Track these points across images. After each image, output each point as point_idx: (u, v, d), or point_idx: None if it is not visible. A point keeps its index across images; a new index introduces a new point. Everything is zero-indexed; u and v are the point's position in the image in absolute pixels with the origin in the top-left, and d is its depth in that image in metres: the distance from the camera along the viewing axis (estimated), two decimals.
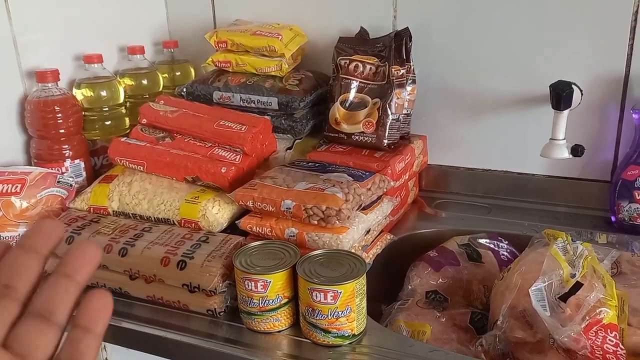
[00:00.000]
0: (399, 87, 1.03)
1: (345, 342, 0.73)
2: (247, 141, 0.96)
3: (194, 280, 0.79)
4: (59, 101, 1.00)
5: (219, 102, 1.12)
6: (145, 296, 0.84)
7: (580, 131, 1.04)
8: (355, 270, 0.73)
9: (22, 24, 1.02)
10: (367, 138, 1.03)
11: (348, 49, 1.07)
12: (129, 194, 0.94)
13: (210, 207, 0.89)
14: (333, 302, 0.70)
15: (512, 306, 0.77)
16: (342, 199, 0.82)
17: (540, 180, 1.11)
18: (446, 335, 0.83)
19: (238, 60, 1.13)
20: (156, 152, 0.96)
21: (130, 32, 1.25)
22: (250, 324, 0.76)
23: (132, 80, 1.18)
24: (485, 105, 1.12)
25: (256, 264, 0.75)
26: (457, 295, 0.90)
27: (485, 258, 0.94)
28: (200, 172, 0.93)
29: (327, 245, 0.81)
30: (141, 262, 0.82)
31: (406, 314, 0.85)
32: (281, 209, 0.83)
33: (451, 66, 1.12)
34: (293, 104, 1.06)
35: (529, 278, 0.77)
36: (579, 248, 0.79)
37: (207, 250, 0.81)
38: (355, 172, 0.91)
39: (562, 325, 0.72)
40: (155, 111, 1.02)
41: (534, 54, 1.06)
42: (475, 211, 1.11)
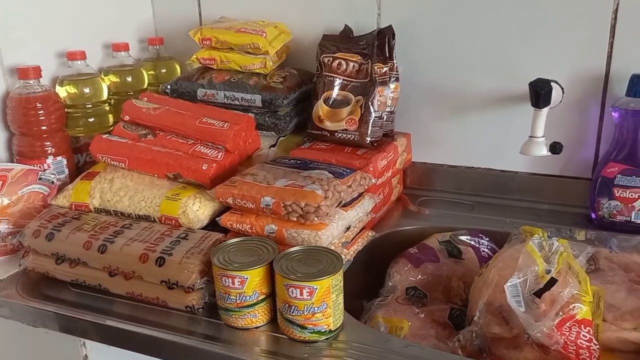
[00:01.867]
0: (381, 84, 1.03)
1: (322, 338, 0.73)
2: (229, 138, 0.96)
3: (172, 276, 0.79)
4: (40, 98, 1.00)
5: (203, 99, 1.12)
6: (124, 293, 0.84)
7: (562, 129, 1.05)
8: (331, 266, 0.74)
9: (5, 21, 1.02)
10: (350, 135, 1.03)
11: (332, 46, 1.07)
12: (110, 191, 0.95)
13: (190, 204, 0.89)
14: (309, 298, 0.71)
15: (488, 302, 0.78)
16: (322, 195, 0.82)
17: (523, 177, 1.12)
18: (424, 331, 0.83)
19: (222, 57, 1.13)
20: (138, 149, 0.96)
21: (116, 29, 1.25)
22: (228, 320, 0.77)
23: (116, 77, 1.18)
24: (469, 103, 1.12)
25: (234, 260, 0.76)
26: (437, 291, 0.91)
27: (466, 255, 0.95)
28: (181, 169, 0.93)
29: (306, 241, 0.82)
30: (120, 259, 0.82)
31: (385, 310, 0.86)
32: (261, 206, 0.83)
33: (436, 64, 1.12)
34: (276, 101, 1.06)
35: (505, 274, 0.77)
36: (554, 244, 0.80)
37: (186, 247, 0.81)
38: (336, 170, 0.91)
39: (537, 320, 0.72)
40: (138, 108, 1.02)
41: (516, 52, 1.06)
42: (458, 208, 1.11)
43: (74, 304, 0.84)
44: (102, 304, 0.84)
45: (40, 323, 0.85)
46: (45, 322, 0.84)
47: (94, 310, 0.83)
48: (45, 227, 0.89)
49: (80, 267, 0.86)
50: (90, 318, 0.81)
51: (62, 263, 0.87)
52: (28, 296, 0.86)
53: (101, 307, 0.83)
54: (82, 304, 0.84)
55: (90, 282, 0.86)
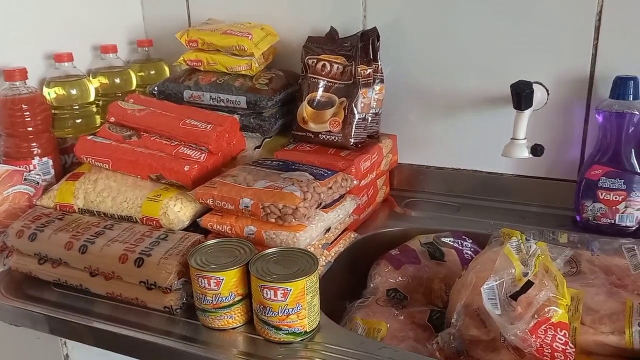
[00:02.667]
0: (365, 86, 1.03)
1: (297, 340, 0.73)
2: (212, 140, 0.97)
3: (151, 277, 0.79)
4: (26, 100, 1.01)
5: (189, 101, 1.13)
6: (105, 293, 0.84)
7: (547, 131, 1.04)
8: (307, 268, 0.74)
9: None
10: (334, 137, 1.04)
11: (316, 48, 1.08)
12: (94, 192, 0.95)
13: (172, 206, 0.90)
14: (283, 299, 0.71)
15: (466, 304, 0.78)
16: (300, 197, 0.82)
17: (509, 179, 1.11)
18: (403, 334, 0.83)
19: (209, 59, 1.13)
20: (121, 150, 0.96)
21: (106, 31, 1.26)
22: (205, 321, 0.77)
23: (105, 79, 1.19)
24: (455, 105, 1.12)
25: (211, 261, 0.76)
26: (418, 293, 0.91)
27: (449, 257, 0.95)
28: (164, 171, 0.93)
29: (284, 243, 0.82)
30: (100, 260, 0.83)
31: (364, 312, 0.86)
32: (240, 207, 0.84)
33: (422, 66, 1.12)
34: (261, 103, 1.07)
35: (483, 277, 0.77)
36: (532, 247, 0.79)
37: (165, 248, 0.82)
38: (317, 171, 0.92)
39: (512, 324, 0.72)
40: (123, 110, 1.03)
41: (502, 54, 1.06)
42: (444, 210, 1.11)
43: (57, 304, 0.85)
44: (84, 304, 0.84)
45: (22, 323, 0.85)
46: (27, 322, 0.85)
47: (76, 311, 0.83)
48: (29, 227, 0.89)
49: (62, 268, 0.86)
50: (72, 318, 0.82)
51: (45, 263, 0.87)
52: (11, 296, 0.87)
53: (83, 307, 0.84)
54: (64, 304, 0.85)
55: (72, 282, 0.86)
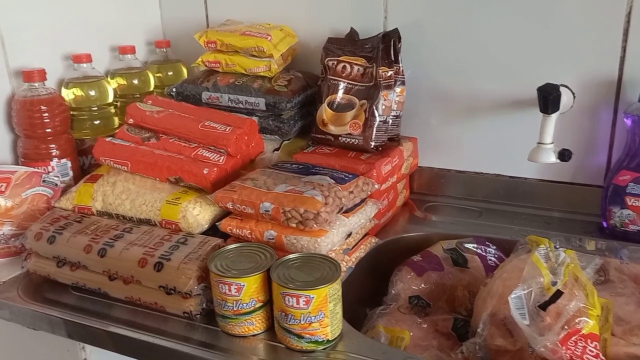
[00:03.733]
0: (386, 88, 1.01)
1: (319, 348, 0.72)
2: (231, 142, 0.95)
3: (170, 282, 0.78)
4: (45, 100, 1.00)
5: (207, 102, 1.11)
6: (124, 297, 0.83)
7: (573, 135, 1.02)
8: (329, 275, 0.72)
9: (11, 22, 1.02)
10: (354, 140, 1.02)
11: (336, 49, 1.06)
12: (112, 194, 0.94)
13: (191, 209, 0.89)
14: (305, 307, 0.69)
15: (492, 313, 0.76)
16: (321, 202, 0.81)
17: (532, 184, 1.09)
18: (426, 342, 0.81)
19: (228, 60, 1.12)
20: (140, 152, 0.96)
21: (124, 32, 1.25)
22: (225, 327, 0.76)
23: (123, 79, 1.18)
24: (477, 108, 1.10)
25: (231, 267, 0.75)
26: (441, 300, 0.89)
27: (472, 263, 0.93)
28: (182, 173, 0.92)
29: (305, 248, 0.80)
30: (119, 263, 0.82)
31: (387, 319, 0.84)
32: (260, 211, 0.82)
33: (443, 68, 1.10)
34: (280, 104, 1.05)
35: (510, 285, 0.75)
36: (561, 255, 0.77)
37: (185, 252, 0.81)
38: (338, 175, 0.90)
39: (541, 334, 0.70)
40: (141, 111, 1.02)
41: (526, 56, 1.04)
42: (465, 215, 1.09)
43: (75, 308, 0.84)
44: (102, 308, 0.84)
45: (40, 326, 0.84)
46: (45, 326, 0.84)
47: (94, 315, 0.82)
48: (47, 229, 0.89)
49: (80, 271, 0.86)
50: (90, 323, 0.81)
51: (63, 266, 0.87)
52: (29, 299, 0.86)
53: (101, 311, 0.83)
54: (82, 308, 0.84)
55: (90, 285, 0.85)
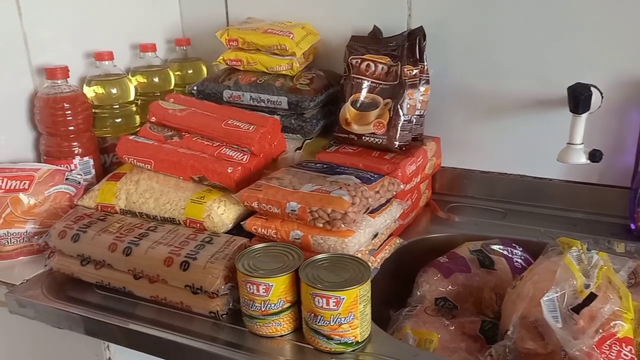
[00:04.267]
0: (411, 87, 1.00)
1: (348, 349, 0.71)
2: (254, 141, 0.95)
3: (197, 281, 0.77)
4: (68, 98, 1.00)
5: (229, 100, 1.11)
6: (149, 296, 0.83)
7: (600, 135, 1.00)
8: (359, 275, 0.71)
9: (33, 20, 1.02)
10: (378, 139, 1.01)
11: (360, 48, 1.05)
12: (136, 193, 0.94)
13: (215, 208, 0.88)
14: (335, 308, 0.68)
15: (523, 316, 0.75)
16: (349, 202, 0.80)
17: (558, 185, 1.08)
18: (454, 344, 0.80)
19: (249, 58, 1.11)
20: (163, 150, 0.95)
21: (143, 30, 1.25)
22: (252, 327, 0.75)
23: (143, 77, 1.18)
24: (502, 107, 1.08)
25: (259, 266, 0.74)
26: (468, 302, 0.88)
27: (498, 265, 0.92)
28: (206, 172, 0.91)
29: (332, 248, 0.79)
30: (145, 262, 0.81)
31: (414, 321, 0.83)
32: (286, 211, 0.81)
33: (467, 66, 1.09)
34: (303, 103, 1.05)
35: (541, 287, 0.74)
36: (594, 257, 0.76)
37: (211, 251, 0.80)
38: (363, 175, 0.89)
39: (574, 337, 0.69)
40: (164, 109, 1.01)
41: (553, 55, 1.02)
42: (489, 216, 1.08)
43: (99, 307, 0.84)
44: (127, 307, 0.83)
45: (65, 325, 0.84)
46: (69, 324, 0.84)
47: (119, 313, 0.82)
48: (71, 228, 0.88)
49: (105, 269, 0.85)
50: (115, 321, 0.81)
51: (88, 265, 0.86)
52: (53, 297, 0.86)
53: (126, 310, 0.83)
54: (106, 307, 0.83)
55: (115, 284, 0.85)
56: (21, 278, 0.90)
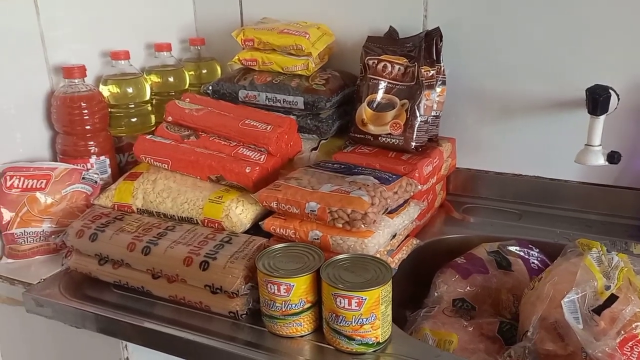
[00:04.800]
0: (428, 88, 1.00)
1: (370, 350, 0.71)
2: (272, 141, 0.95)
3: (217, 281, 0.78)
4: (85, 97, 1.00)
5: (244, 100, 1.11)
6: (167, 296, 0.83)
7: (616, 137, 1.00)
8: (380, 276, 0.71)
9: (50, 19, 1.02)
10: (394, 140, 1.01)
11: (377, 48, 1.05)
12: (153, 192, 0.94)
13: (233, 207, 0.88)
14: (357, 308, 0.68)
15: (543, 317, 0.75)
16: (368, 202, 0.80)
17: (573, 186, 1.07)
18: (473, 345, 0.80)
19: (264, 58, 1.12)
20: (181, 150, 0.95)
21: (157, 29, 1.25)
22: (272, 327, 0.75)
23: (158, 77, 1.18)
24: (517, 108, 1.08)
25: (279, 267, 0.74)
26: (485, 304, 0.88)
27: (515, 266, 0.92)
28: (224, 172, 0.91)
29: (351, 249, 0.80)
30: (164, 262, 0.81)
31: (432, 322, 0.83)
32: (305, 211, 0.82)
33: (482, 67, 1.09)
34: (319, 103, 1.05)
35: (561, 289, 0.74)
36: (614, 259, 0.76)
37: (230, 251, 0.80)
38: (381, 175, 0.89)
39: (596, 339, 0.69)
40: (180, 109, 1.01)
41: (569, 56, 1.02)
42: (504, 217, 1.08)
43: (117, 306, 0.84)
44: (145, 307, 0.83)
45: (82, 324, 0.84)
46: (87, 323, 0.84)
47: (137, 313, 0.82)
48: (89, 227, 0.88)
49: (123, 269, 0.85)
50: (133, 321, 0.81)
51: (105, 264, 0.86)
52: (70, 296, 0.86)
53: (143, 309, 0.83)
54: (124, 306, 0.83)
55: (133, 284, 0.85)
56: (38, 277, 0.90)
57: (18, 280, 0.91)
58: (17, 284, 0.91)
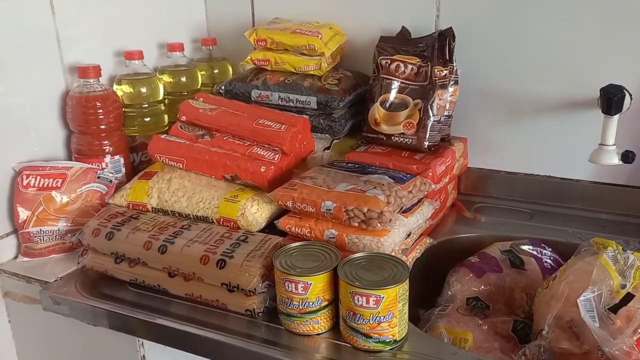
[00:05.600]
0: (441, 88, 1.01)
1: (387, 348, 0.72)
2: (286, 140, 0.95)
3: (233, 279, 0.78)
4: (100, 97, 1.01)
5: (257, 100, 1.11)
6: (183, 294, 0.84)
7: (629, 136, 1.00)
8: (398, 274, 0.72)
9: (65, 18, 1.03)
10: (407, 139, 1.01)
11: (389, 48, 1.05)
12: (168, 191, 0.95)
13: (249, 206, 0.89)
14: (375, 306, 0.69)
15: (558, 316, 0.75)
16: (384, 201, 0.80)
17: (585, 186, 1.08)
18: (488, 344, 0.81)
19: (277, 58, 1.12)
20: (195, 149, 0.96)
21: (169, 29, 1.26)
22: (289, 325, 0.76)
23: (171, 77, 1.19)
24: (528, 108, 1.09)
25: (296, 265, 0.75)
26: (499, 302, 0.88)
27: (528, 265, 0.92)
28: (239, 171, 0.92)
29: (367, 248, 0.80)
30: (181, 260, 0.82)
31: (447, 320, 0.83)
32: (321, 210, 0.82)
33: (494, 67, 1.09)
34: (332, 103, 1.05)
35: (576, 288, 0.74)
36: (630, 258, 0.76)
37: (247, 249, 0.81)
38: (396, 174, 0.90)
39: (613, 337, 0.69)
40: (194, 108, 1.02)
41: (581, 56, 1.02)
42: (516, 216, 1.08)
43: (133, 304, 0.84)
44: (161, 305, 0.84)
45: (99, 322, 0.85)
46: (104, 321, 0.84)
47: (153, 311, 0.83)
48: (105, 226, 0.89)
49: (139, 267, 0.86)
50: (149, 318, 0.81)
51: (121, 262, 0.87)
52: (87, 294, 0.87)
53: (160, 307, 0.83)
54: (140, 304, 0.84)
55: (149, 282, 0.85)
56: (54, 276, 0.91)
57: (34, 279, 0.92)
58: (34, 282, 0.91)
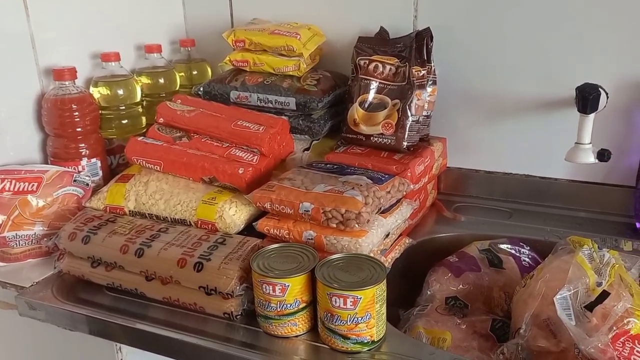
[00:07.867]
0: (419, 88, 1.01)
1: (365, 349, 0.71)
2: (264, 142, 0.95)
3: (211, 282, 0.78)
4: (76, 99, 1.00)
5: (236, 101, 1.11)
6: (161, 297, 0.83)
7: (605, 135, 1.01)
8: (375, 275, 0.72)
9: (40, 21, 1.02)
10: (386, 140, 1.01)
11: (368, 49, 1.06)
12: (145, 194, 0.94)
13: (227, 209, 0.88)
14: (353, 307, 0.69)
15: (535, 314, 0.75)
16: (362, 202, 0.80)
17: (563, 185, 1.09)
18: (466, 343, 0.81)
19: (255, 59, 1.12)
20: (173, 151, 0.95)
21: (147, 31, 1.25)
22: (267, 328, 0.75)
23: (148, 78, 1.18)
24: (507, 108, 1.09)
25: (274, 267, 0.74)
26: (478, 301, 0.88)
27: (507, 264, 0.92)
28: (217, 173, 0.92)
29: (345, 249, 0.80)
30: (157, 263, 0.81)
31: (425, 320, 0.84)
32: (299, 212, 0.82)
33: (473, 67, 1.10)
34: (311, 104, 1.05)
35: (553, 286, 0.75)
36: (605, 256, 0.77)
37: (224, 252, 0.80)
38: (374, 175, 0.90)
39: (589, 335, 0.70)
40: (172, 110, 1.01)
41: (558, 56, 1.03)
42: (495, 215, 1.09)
43: (110, 308, 0.83)
44: (138, 309, 0.83)
45: (77, 327, 0.84)
46: (80, 326, 0.83)
47: (130, 315, 0.82)
48: (81, 229, 0.88)
49: (116, 271, 0.85)
50: (127, 323, 0.80)
51: (98, 266, 0.86)
52: (63, 299, 0.86)
53: (137, 311, 0.82)
54: (117, 308, 0.83)
55: (126, 286, 0.85)
56: (30, 280, 0.90)
57: (10, 284, 0.90)
58: (9, 287, 0.90)
